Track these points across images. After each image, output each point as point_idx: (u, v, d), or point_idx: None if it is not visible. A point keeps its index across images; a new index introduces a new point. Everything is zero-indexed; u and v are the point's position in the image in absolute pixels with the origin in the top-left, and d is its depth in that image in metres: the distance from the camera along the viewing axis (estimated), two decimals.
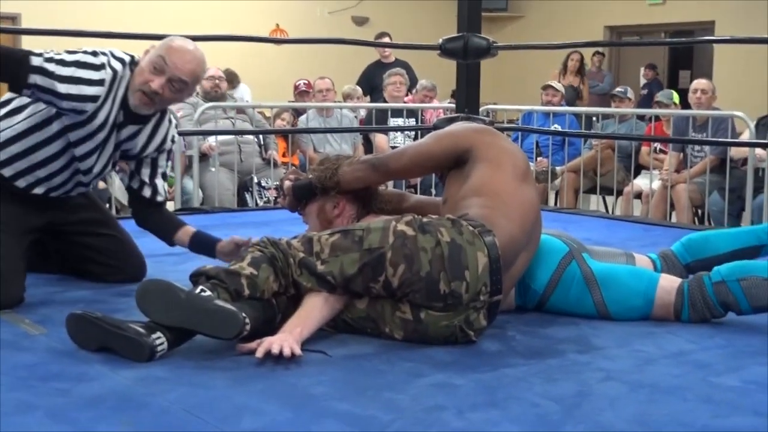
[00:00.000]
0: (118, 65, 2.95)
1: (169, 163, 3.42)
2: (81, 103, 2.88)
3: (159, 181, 3.28)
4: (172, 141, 3.27)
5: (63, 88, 2.84)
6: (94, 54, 2.93)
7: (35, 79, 2.82)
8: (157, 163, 3.26)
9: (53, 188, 3.10)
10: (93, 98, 2.89)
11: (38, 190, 3.07)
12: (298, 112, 7.49)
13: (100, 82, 2.89)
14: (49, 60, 2.84)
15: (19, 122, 2.99)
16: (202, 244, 3.22)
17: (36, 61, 2.83)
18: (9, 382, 2.20)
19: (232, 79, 8.66)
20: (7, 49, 2.92)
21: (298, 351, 2.34)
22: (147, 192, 3.26)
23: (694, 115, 6.46)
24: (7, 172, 3.02)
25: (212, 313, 2.33)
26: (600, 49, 11.70)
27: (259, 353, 2.32)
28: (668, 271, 3.05)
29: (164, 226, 3.30)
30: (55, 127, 2.98)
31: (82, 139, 3.01)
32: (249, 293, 2.47)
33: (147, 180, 3.25)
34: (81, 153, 3.04)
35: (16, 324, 2.74)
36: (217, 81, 6.84)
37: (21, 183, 3.04)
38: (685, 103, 7.64)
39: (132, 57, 3.02)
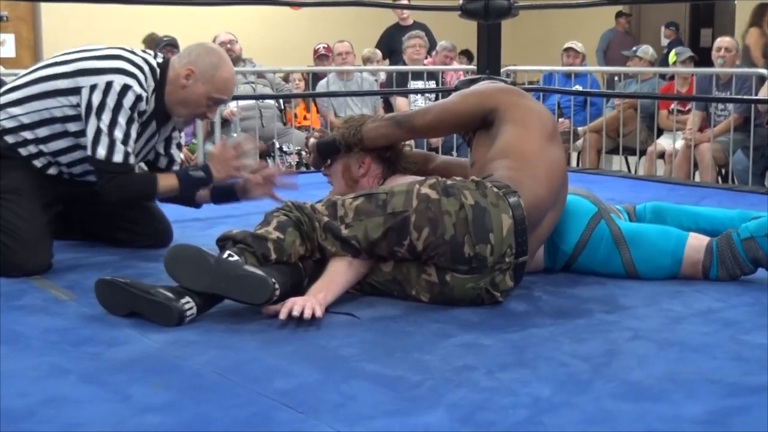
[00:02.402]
0: (143, 80, 2.99)
1: (181, 136, 3.43)
2: (140, 118, 3.03)
3: (174, 151, 3.31)
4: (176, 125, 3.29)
5: (134, 131, 3.00)
6: (128, 88, 2.94)
7: (131, 158, 2.97)
8: (172, 136, 3.28)
9: (65, 173, 3.11)
10: (141, 99, 2.99)
11: (52, 171, 3.08)
12: (318, 77, 7.47)
13: (139, 98, 2.97)
14: (123, 140, 2.94)
15: (36, 111, 2.99)
16: (223, 191, 3.27)
17: (121, 158, 2.94)
18: (41, 347, 2.23)
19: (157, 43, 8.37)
20: (135, 184, 3.06)
21: (319, 313, 2.35)
22: (163, 162, 3.28)
23: (717, 73, 6.40)
24: (23, 152, 3.03)
25: (242, 278, 2.34)
26: (622, 9, 11.60)
27: (282, 314, 2.33)
28: None
29: None
30: (72, 127, 2.99)
31: None
32: (276, 257, 2.48)
33: (162, 151, 3.27)
34: None
35: (46, 290, 2.77)
36: (228, 46, 6.83)
37: (36, 164, 3.05)
38: (707, 61, 7.55)
39: (150, 66, 3.03)
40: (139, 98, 2.95)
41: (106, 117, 2.91)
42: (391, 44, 8.96)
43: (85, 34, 9.59)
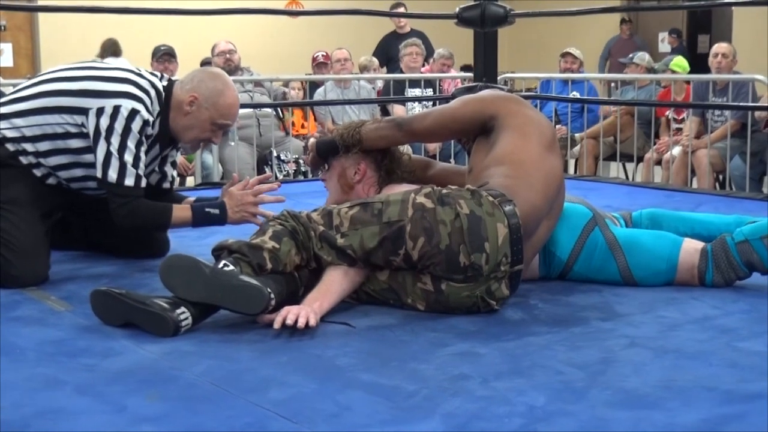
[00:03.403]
0: (150, 105, 2.99)
1: (177, 153, 3.43)
2: (148, 141, 3.04)
3: (168, 168, 3.31)
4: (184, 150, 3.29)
5: (143, 152, 2.99)
6: (136, 113, 2.94)
7: (142, 182, 2.98)
8: (168, 154, 3.28)
9: (64, 186, 3.12)
10: (148, 124, 3.00)
11: (51, 181, 3.09)
12: (316, 85, 7.48)
13: (146, 123, 2.98)
14: (133, 164, 2.94)
15: (38, 125, 2.99)
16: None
17: (133, 180, 2.94)
18: (37, 358, 2.23)
19: (113, 49, 8.30)
20: (155, 212, 3.05)
21: (312, 322, 2.35)
22: (154, 179, 3.28)
23: (714, 79, 6.41)
24: (24, 161, 3.03)
25: (237, 289, 2.34)
26: (625, 17, 11.73)
27: (277, 324, 2.33)
28: None
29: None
30: (73, 144, 3.00)
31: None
32: (271, 267, 2.48)
33: (156, 169, 3.26)
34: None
35: (42, 301, 2.77)
36: (227, 55, 6.85)
37: (37, 173, 3.05)
38: (704, 68, 7.57)
39: (156, 90, 3.02)
40: (146, 123, 2.96)
41: (116, 141, 2.91)
42: (388, 52, 8.98)
43: (83, 43, 9.60)
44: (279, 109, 6.85)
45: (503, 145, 2.73)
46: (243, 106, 6.28)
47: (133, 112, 2.93)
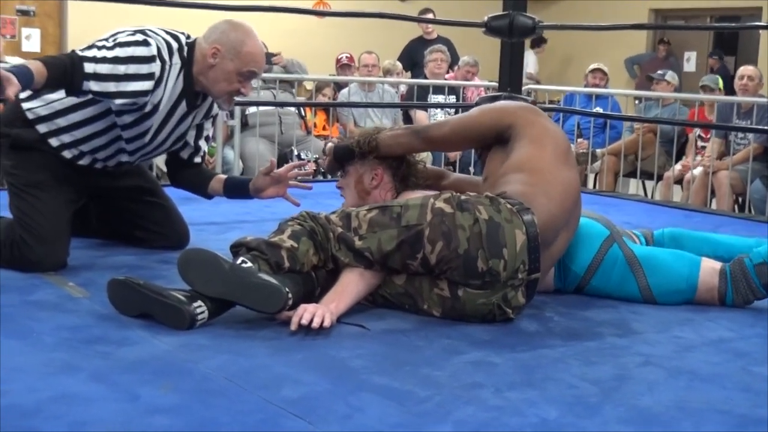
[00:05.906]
0: (166, 55, 2.95)
1: (212, 128, 3.43)
2: (132, 98, 2.91)
3: (202, 143, 3.31)
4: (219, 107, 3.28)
5: (114, 86, 2.86)
6: (146, 44, 2.90)
7: (89, 85, 2.83)
8: (203, 127, 3.28)
9: (98, 160, 3.13)
10: (144, 93, 2.91)
11: (83, 162, 3.10)
12: (339, 86, 7.48)
13: (150, 76, 2.90)
14: (102, 60, 2.84)
15: (68, 96, 3.00)
16: (236, 186, 3.26)
17: (89, 68, 2.82)
18: (53, 343, 2.24)
19: None
20: (55, 59, 2.85)
21: (327, 322, 2.35)
22: (186, 153, 3.28)
23: (738, 101, 6.38)
24: (54, 142, 3.04)
25: (256, 287, 2.34)
26: (665, 38, 11.85)
27: (293, 325, 2.34)
28: None
29: (198, 180, 3.32)
30: (103, 106, 3.00)
31: (128, 125, 3.03)
32: (289, 266, 2.48)
33: (191, 142, 3.26)
34: (128, 136, 3.07)
35: (60, 286, 2.78)
36: None
37: (67, 154, 3.07)
38: (730, 89, 7.55)
39: (179, 43, 3.00)
40: (148, 76, 2.90)
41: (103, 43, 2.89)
42: (414, 57, 8.98)
43: None
44: (302, 108, 6.86)
45: (520, 154, 2.74)
46: (266, 104, 6.34)
47: (138, 39, 2.90)
